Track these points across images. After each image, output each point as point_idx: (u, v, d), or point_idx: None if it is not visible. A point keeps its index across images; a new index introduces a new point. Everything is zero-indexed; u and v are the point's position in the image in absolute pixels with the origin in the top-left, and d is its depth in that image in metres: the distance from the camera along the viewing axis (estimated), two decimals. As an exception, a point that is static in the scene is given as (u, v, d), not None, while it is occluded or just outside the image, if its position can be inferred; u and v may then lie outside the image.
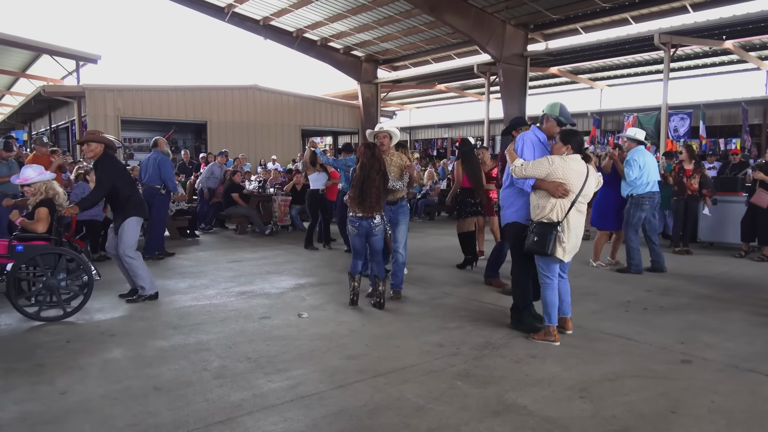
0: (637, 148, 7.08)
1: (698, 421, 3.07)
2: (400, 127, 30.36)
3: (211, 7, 18.95)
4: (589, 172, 4.35)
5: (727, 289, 6.22)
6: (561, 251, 4.25)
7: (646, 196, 7.06)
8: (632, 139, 7.16)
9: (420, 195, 13.86)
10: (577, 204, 4.29)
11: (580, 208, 4.33)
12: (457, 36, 18.12)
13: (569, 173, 4.24)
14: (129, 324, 4.85)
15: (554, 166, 4.23)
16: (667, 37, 14.33)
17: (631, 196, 7.08)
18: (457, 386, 3.51)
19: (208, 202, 11.73)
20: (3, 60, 20.36)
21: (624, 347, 4.27)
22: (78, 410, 3.17)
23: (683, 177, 8.78)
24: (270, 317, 5.07)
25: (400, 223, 5.86)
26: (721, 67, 19.41)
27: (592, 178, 4.37)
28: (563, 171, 4.23)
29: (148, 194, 8.13)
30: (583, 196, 4.31)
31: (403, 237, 5.85)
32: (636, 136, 7.17)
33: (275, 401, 3.28)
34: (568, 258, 4.37)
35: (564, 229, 4.25)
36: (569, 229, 4.27)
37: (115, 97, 18.11)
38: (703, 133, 17.61)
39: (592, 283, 6.55)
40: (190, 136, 22.82)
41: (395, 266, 5.83)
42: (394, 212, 5.88)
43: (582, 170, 4.30)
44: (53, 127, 22.31)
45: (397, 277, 5.85)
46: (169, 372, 3.73)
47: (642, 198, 7.04)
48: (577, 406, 3.25)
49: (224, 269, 7.32)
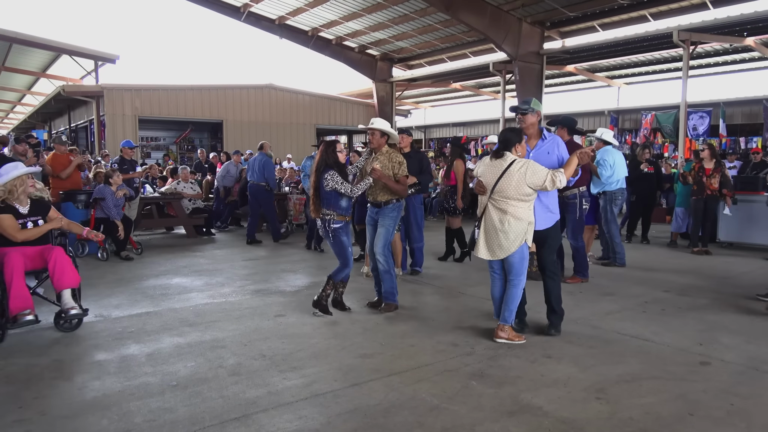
0: (605, 148, 7.35)
1: (717, 423, 3.03)
2: (415, 125, 30.40)
3: (227, 6, 19.07)
4: (508, 169, 4.17)
5: (747, 291, 6.12)
6: (481, 248, 4.32)
7: (618, 193, 7.37)
8: (600, 139, 7.38)
9: (434, 194, 13.83)
10: (492, 201, 4.26)
11: (498, 205, 4.23)
12: (472, 34, 18.03)
13: (485, 169, 4.35)
14: (146, 321, 4.90)
15: (477, 165, 4.54)
16: (686, 35, 14.11)
17: (604, 193, 7.35)
18: (472, 386, 3.49)
19: (224, 200, 11.82)
20: (24, 60, 20.71)
21: (641, 348, 4.22)
22: (96, 406, 3.21)
23: (703, 176, 8.64)
24: (285, 315, 5.09)
25: (383, 227, 5.23)
26: (741, 64, 19.07)
27: (514, 176, 4.13)
28: (481, 168, 4.41)
29: (254, 191, 9.47)
30: (497, 193, 4.21)
31: (381, 242, 5.20)
32: (603, 136, 7.38)
33: (290, 399, 3.29)
34: (493, 256, 4.31)
35: (480, 226, 4.33)
36: (485, 225, 4.31)
37: (132, 96, 18.32)
38: (724, 131, 17.33)
39: (609, 283, 6.49)
40: (207, 135, 23.01)
41: (380, 275, 5.26)
42: (377, 215, 5.33)
43: (499, 167, 4.21)
44: (72, 126, 22.64)
45: (384, 287, 5.23)
46: (185, 369, 3.77)
47: (615, 194, 7.36)
48: (593, 407, 3.22)
49: (240, 267, 7.37)
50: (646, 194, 9.84)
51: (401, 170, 5.27)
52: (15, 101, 30.92)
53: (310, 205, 5.12)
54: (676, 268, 7.41)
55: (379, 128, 5.26)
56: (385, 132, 5.28)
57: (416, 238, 6.95)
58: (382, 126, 5.31)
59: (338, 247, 4.99)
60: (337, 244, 4.98)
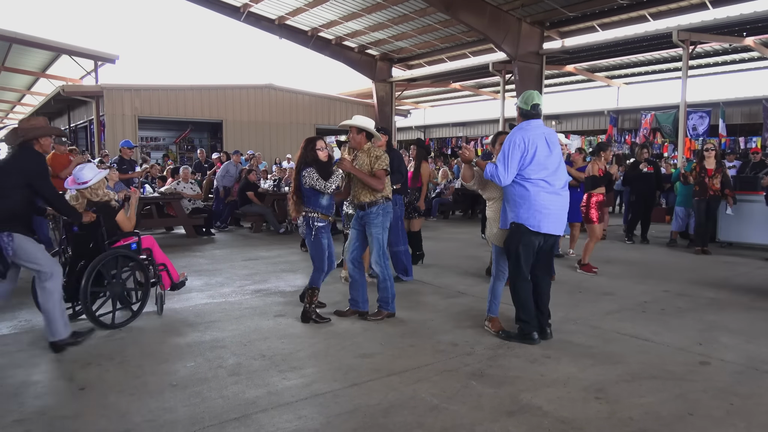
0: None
1: (717, 423, 3.03)
2: (415, 125, 30.41)
3: (227, 6, 19.07)
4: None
5: (747, 290, 6.12)
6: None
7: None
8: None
9: (434, 194, 13.84)
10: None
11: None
12: (472, 34, 18.03)
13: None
14: (146, 321, 4.90)
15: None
16: (685, 35, 14.12)
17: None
18: (472, 386, 3.49)
19: (224, 200, 11.82)
20: (24, 60, 20.69)
21: (641, 348, 4.22)
22: (96, 405, 3.21)
23: (705, 177, 8.62)
24: (284, 315, 5.09)
25: (371, 235, 4.89)
26: (741, 64, 19.08)
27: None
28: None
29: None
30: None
31: (375, 248, 4.87)
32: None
33: (290, 399, 3.29)
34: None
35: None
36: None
37: (132, 96, 18.31)
38: (723, 131, 17.34)
39: (609, 282, 6.49)
40: (206, 135, 23.01)
41: (377, 285, 5.00)
42: (362, 219, 4.95)
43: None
44: (72, 126, 22.63)
45: (381, 295, 4.98)
46: (185, 369, 3.77)
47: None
48: (592, 407, 3.22)
49: (239, 267, 7.37)
50: (646, 194, 9.85)
51: (378, 164, 4.81)
52: (15, 101, 30.90)
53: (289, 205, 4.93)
54: (676, 268, 7.41)
55: (356, 125, 4.88)
56: (362, 128, 4.88)
57: (393, 241, 6.30)
58: (357, 122, 4.90)
59: (316, 249, 4.82)
60: (315, 245, 4.81)
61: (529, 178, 4.15)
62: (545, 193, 4.17)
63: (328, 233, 4.91)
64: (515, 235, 4.23)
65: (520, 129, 4.26)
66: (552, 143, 4.27)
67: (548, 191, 4.18)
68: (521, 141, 4.14)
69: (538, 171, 4.15)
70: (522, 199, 4.17)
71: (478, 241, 9.53)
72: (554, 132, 4.45)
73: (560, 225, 4.31)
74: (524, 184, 4.16)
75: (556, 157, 4.28)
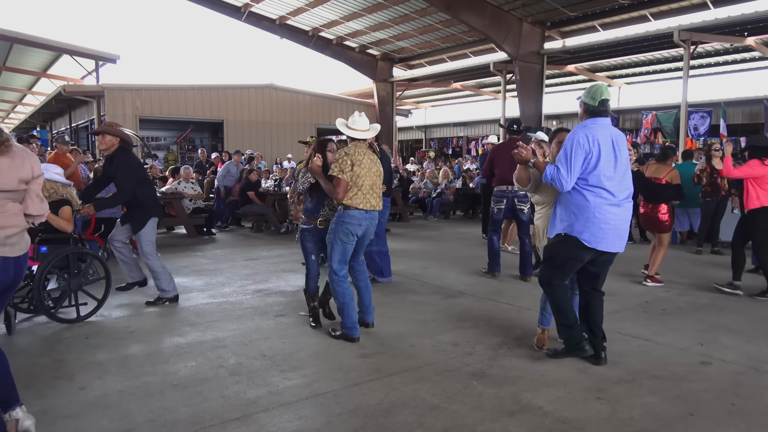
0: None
1: (717, 424, 3.03)
2: (416, 125, 30.40)
3: (228, 6, 19.07)
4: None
5: (748, 290, 6.11)
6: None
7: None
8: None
9: (435, 194, 13.83)
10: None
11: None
12: (473, 34, 18.02)
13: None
14: (147, 321, 4.91)
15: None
16: (687, 34, 14.10)
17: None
18: (472, 386, 3.49)
19: (225, 200, 11.82)
20: (25, 60, 20.69)
21: (642, 348, 4.22)
22: (97, 405, 3.22)
23: (717, 177, 8.54)
24: (285, 315, 5.09)
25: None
26: (742, 64, 19.04)
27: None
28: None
29: None
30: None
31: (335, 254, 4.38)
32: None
33: (290, 399, 3.30)
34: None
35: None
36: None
37: (133, 96, 18.32)
38: (724, 131, 17.32)
39: (610, 283, 6.45)
40: (207, 135, 23.00)
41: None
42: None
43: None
44: (73, 126, 22.64)
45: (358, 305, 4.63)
46: (185, 369, 3.77)
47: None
48: (593, 407, 3.22)
49: (240, 267, 7.37)
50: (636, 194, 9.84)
51: (332, 168, 4.33)
52: (16, 101, 30.90)
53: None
54: (677, 268, 7.40)
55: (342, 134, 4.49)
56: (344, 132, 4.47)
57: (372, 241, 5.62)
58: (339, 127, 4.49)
59: (302, 251, 4.77)
60: (301, 247, 4.74)
61: (590, 186, 3.67)
62: (607, 205, 3.68)
63: (314, 237, 4.63)
64: (565, 248, 3.78)
65: (584, 127, 3.77)
66: (619, 146, 3.77)
67: (611, 203, 3.69)
68: (585, 141, 3.66)
69: (600, 178, 3.67)
70: (579, 210, 3.70)
71: (478, 241, 9.52)
72: (623, 134, 3.93)
73: (620, 242, 3.78)
74: (584, 193, 3.69)
75: (624, 164, 3.77)
